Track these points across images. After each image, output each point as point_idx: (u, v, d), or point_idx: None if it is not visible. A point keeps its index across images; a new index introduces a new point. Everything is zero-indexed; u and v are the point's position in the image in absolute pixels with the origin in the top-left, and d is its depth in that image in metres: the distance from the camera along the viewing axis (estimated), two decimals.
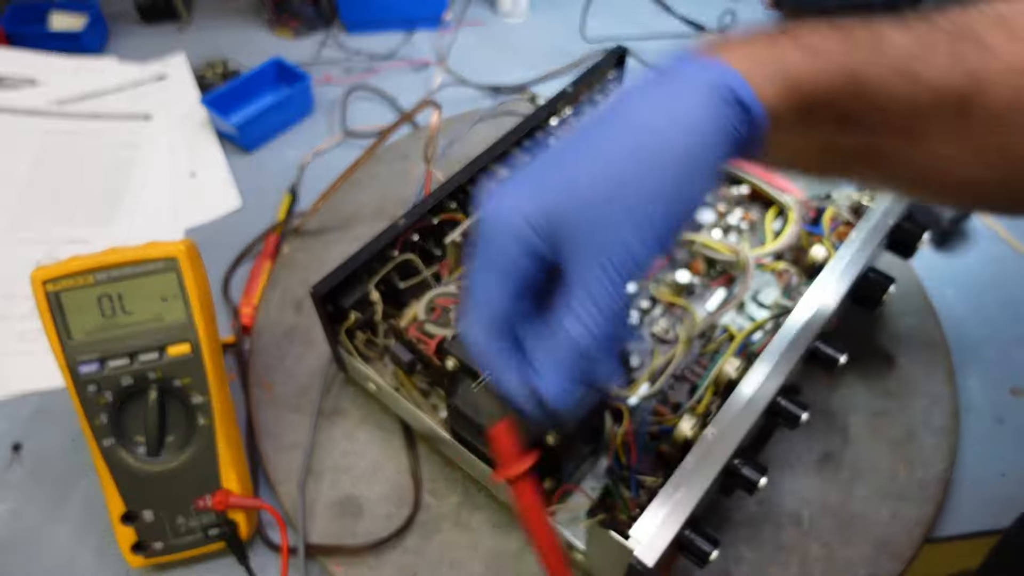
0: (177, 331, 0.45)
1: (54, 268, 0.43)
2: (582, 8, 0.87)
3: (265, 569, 0.48)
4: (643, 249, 0.29)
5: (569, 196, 0.29)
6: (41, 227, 0.68)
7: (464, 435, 0.47)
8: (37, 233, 0.67)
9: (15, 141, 0.74)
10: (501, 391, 0.31)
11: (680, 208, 0.29)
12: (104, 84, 0.80)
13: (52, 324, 0.43)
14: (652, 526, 0.37)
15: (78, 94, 0.79)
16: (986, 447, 0.54)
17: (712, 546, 0.38)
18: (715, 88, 0.29)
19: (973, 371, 0.58)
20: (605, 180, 0.29)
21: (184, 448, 0.46)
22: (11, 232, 0.67)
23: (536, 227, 0.29)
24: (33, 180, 0.71)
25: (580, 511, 0.46)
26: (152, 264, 0.44)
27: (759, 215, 0.60)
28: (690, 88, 0.30)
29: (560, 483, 0.46)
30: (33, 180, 0.71)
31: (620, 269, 0.28)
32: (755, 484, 0.41)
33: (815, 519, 0.49)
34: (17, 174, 0.71)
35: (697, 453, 0.40)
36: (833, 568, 0.47)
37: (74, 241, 0.67)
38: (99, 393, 0.44)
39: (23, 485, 0.53)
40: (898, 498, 0.49)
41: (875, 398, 0.54)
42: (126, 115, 0.77)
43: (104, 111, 0.78)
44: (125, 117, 0.77)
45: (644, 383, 0.50)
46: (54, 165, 0.72)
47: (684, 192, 0.29)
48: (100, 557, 0.49)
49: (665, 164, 0.29)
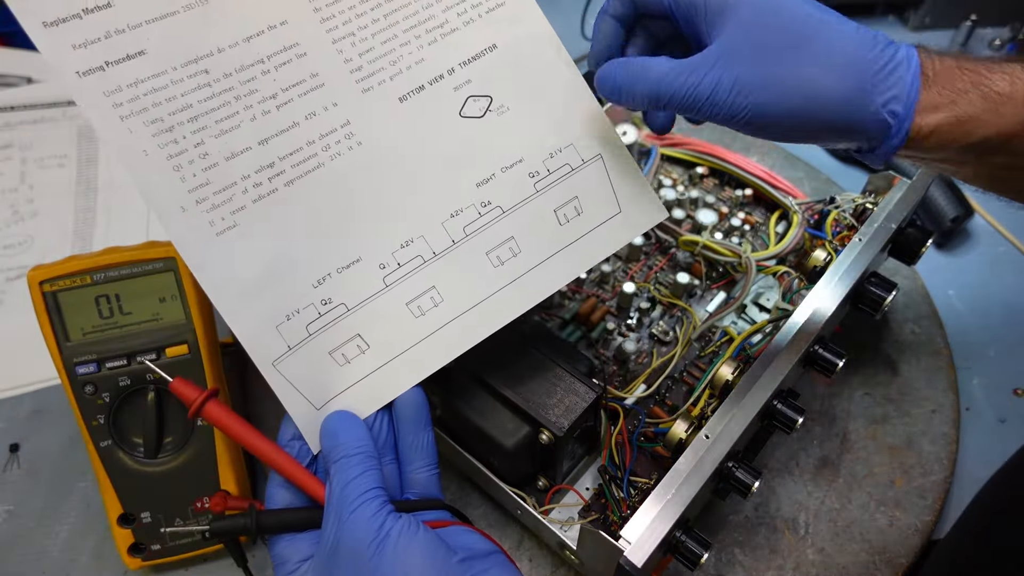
0: (175, 332, 0.45)
1: (51, 268, 0.43)
2: (582, 7, 0.87)
3: (264, 570, 0.48)
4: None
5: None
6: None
7: (459, 433, 0.47)
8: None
9: (12, 138, 0.75)
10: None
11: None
12: None
13: (49, 325, 0.43)
14: (642, 527, 0.37)
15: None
16: (988, 447, 0.53)
17: (703, 549, 0.38)
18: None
19: (975, 371, 0.57)
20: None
21: (182, 449, 0.46)
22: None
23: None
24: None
25: (573, 511, 0.46)
26: (150, 264, 0.44)
27: (762, 217, 0.60)
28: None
29: (554, 483, 0.47)
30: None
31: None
32: (748, 488, 0.41)
33: (811, 525, 0.48)
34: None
35: (690, 455, 0.40)
36: (829, 575, 0.46)
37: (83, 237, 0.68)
38: (97, 394, 0.44)
39: (20, 486, 0.53)
40: (895, 505, 0.49)
41: (876, 404, 0.54)
42: None
43: None
44: None
45: (641, 384, 0.50)
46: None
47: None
48: (98, 559, 0.49)
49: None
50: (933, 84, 0.33)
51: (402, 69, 0.40)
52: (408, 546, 0.33)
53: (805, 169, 0.71)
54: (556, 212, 0.42)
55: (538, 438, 0.42)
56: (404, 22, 0.40)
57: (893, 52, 0.33)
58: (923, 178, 0.53)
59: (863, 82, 0.32)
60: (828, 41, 0.33)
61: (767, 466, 0.51)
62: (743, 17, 0.34)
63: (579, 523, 0.43)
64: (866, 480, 0.50)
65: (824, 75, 0.32)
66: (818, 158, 0.75)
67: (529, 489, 0.47)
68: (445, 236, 0.41)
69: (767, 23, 0.33)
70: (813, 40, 0.33)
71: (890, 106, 0.32)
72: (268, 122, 0.38)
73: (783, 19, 0.33)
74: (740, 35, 0.34)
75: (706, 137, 0.71)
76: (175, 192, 0.36)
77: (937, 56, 0.33)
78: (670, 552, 0.39)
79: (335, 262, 0.39)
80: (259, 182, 0.38)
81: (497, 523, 0.49)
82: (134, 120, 0.35)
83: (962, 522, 0.43)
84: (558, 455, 0.43)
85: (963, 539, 0.42)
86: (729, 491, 0.43)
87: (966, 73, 0.33)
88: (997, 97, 0.32)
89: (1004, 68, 0.33)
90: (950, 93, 0.32)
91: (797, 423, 0.43)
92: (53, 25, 0.34)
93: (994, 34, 0.81)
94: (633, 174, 0.43)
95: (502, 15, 0.42)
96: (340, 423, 0.38)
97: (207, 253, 0.37)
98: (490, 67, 0.41)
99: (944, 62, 0.33)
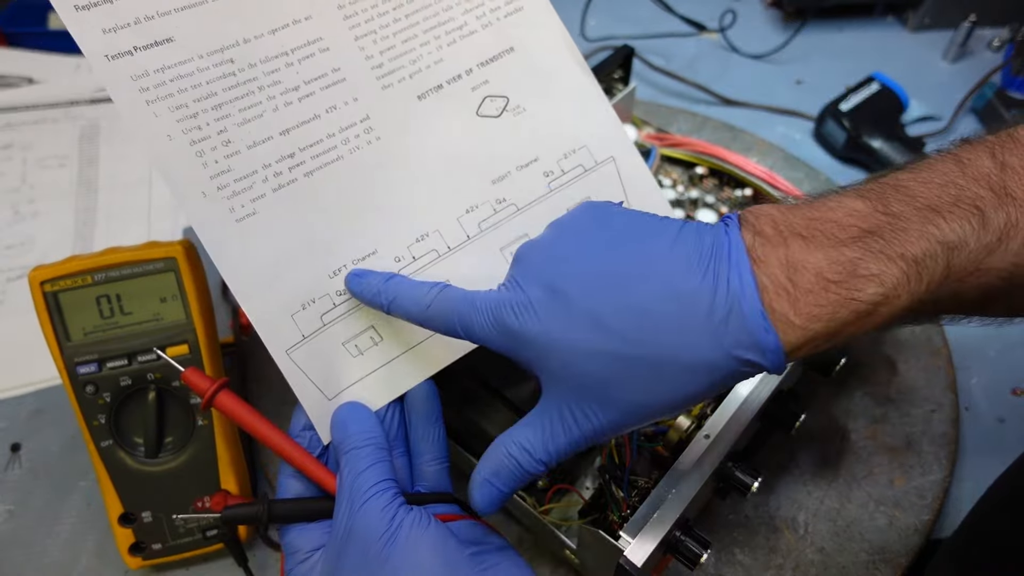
0: (176, 332, 0.45)
1: (52, 268, 0.43)
2: (582, 7, 0.87)
3: (264, 569, 0.48)
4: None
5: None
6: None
7: (459, 432, 0.47)
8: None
9: (13, 138, 0.75)
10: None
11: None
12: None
13: (50, 325, 0.44)
14: (642, 527, 0.37)
15: (78, 93, 0.79)
16: (987, 447, 0.53)
17: (703, 548, 0.38)
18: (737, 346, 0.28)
19: (974, 371, 0.57)
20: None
21: (183, 449, 0.46)
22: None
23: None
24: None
25: (573, 510, 0.46)
26: (151, 264, 0.45)
27: None
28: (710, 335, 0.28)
29: (554, 482, 0.47)
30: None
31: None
32: (748, 487, 0.41)
33: (811, 524, 0.48)
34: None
35: (690, 455, 0.40)
36: (828, 574, 0.46)
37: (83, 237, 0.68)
38: (97, 394, 0.44)
39: (21, 486, 0.53)
40: (895, 505, 0.49)
41: (875, 404, 0.54)
42: None
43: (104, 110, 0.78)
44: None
45: None
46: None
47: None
48: (99, 558, 0.49)
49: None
50: (778, 299, 0.27)
51: (421, 68, 0.41)
52: (419, 538, 0.33)
53: (805, 169, 0.71)
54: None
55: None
56: (424, 23, 0.41)
57: (713, 282, 0.28)
58: None
59: (706, 353, 0.28)
60: (661, 356, 0.29)
61: (767, 466, 0.51)
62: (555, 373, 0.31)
63: (579, 523, 0.43)
64: (866, 480, 0.50)
65: (675, 381, 0.29)
66: (818, 158, 0.76)
67: (529, 489, 0.47)
68: (460, 231, 0.41)
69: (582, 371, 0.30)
70: (641, 364, 0.29)
71: (744, 356, 0.28)
72: (290, 113, 0.38)
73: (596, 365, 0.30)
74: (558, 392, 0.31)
75: (706, 137, 0.71)
76: (197, 177, 0.37)
77: (768, 243, 0.28)
78: (670, 552, 0.39)
79: (351, 253, 0.40)
80: (279, 171, 0.38)
81: (497, 523, 0.49)
82: (159, 105, 0.36)
83: (968, 521, 0.43)
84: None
85: (969, 538, 0.42)
86: (729, 491, 0.43)
87: (813, 294, 0.27)
88: (868, 305, 0.27)
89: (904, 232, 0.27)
90: (804, 319, 0.27)
91: (796, 423, 0.43)
92: (85, 9, 0.35)
93: (993, 34, 0.81)
94: (644, 178, 0.44)
95: (520, 19, 0.43)
96: (351, 414, 0.38)
97: (227, 239, 0.37)
98: (507, 69, 0.42)
99: (775, 254, 0.28)
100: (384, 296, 0.37)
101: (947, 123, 0.77)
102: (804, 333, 0.27)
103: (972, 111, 0.79)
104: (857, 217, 0.28)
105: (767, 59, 0.87)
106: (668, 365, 0.29)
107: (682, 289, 0.29)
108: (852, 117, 0.73)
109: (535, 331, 0.31)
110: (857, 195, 0.29)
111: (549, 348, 0.31)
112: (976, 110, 0.79)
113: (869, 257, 0.27)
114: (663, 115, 0.76)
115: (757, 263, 0.28)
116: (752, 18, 0.92)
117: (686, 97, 0.82)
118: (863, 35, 0.90)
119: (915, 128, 0.78)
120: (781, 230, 0.29)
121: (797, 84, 0.84)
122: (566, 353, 0.30)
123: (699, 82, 0.82)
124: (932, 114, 0.79)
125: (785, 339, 0.27)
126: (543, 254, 0.33)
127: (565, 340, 0.30)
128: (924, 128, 0.78)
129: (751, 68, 0.87)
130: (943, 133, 0.76)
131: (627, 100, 0.63)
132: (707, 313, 0.28)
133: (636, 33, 0.87)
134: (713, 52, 0.89)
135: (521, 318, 0.31)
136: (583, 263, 0.31)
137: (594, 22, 0.88)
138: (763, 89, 0.83)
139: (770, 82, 0.84)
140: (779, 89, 0.84)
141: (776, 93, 0.83)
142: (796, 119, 0.80)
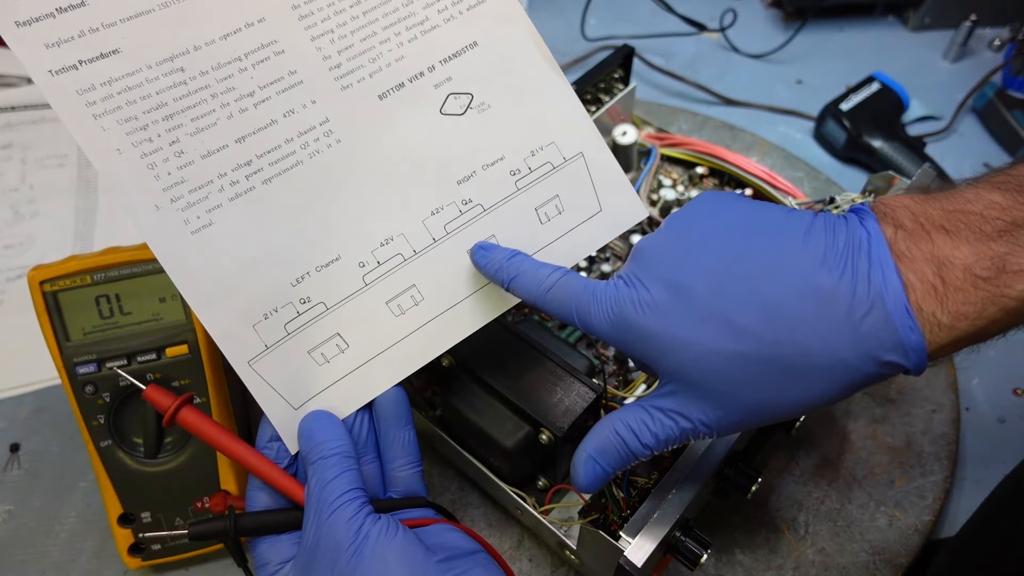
0: (175, 332, 0.45)
1: (51, 268, 0.43)
2: (582, 6, 0.87)
3: None
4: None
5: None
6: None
7: (459, 433, 0.47)
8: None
9: (12, 138, 0.75)
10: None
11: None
12: None
13: (49, 325, 0.44)
14: (642, 527, 0.37)
15: None
16: (988, 447, 0.53)
17: (703, 549, 0.38)
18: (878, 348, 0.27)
19: (975, 371, 0.57)
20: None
21: (182, 449, 0.46)
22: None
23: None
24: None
25: (573, 511, 0.46)
26: (151, 264, 0.44)
27: None
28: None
29: (554, 483, 0.47)
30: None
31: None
32: (748, 488, 0.41)
33: (811, 524, 0.48)
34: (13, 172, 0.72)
35: (690, 455, 0.40)
36: (829, 575, 0.46)
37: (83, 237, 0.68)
38: (97, 394, 0.44)
39: (21, 486, 0.53)
40: (895, 505, 0.49)
41: (875, 405, 0.54)
42: None
43: None
44: None
45: (641, 384, 0.50)
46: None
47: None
48: (98, 558, 0.49)
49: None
50: (926, 300, 0.27)
51: (382, 66, 0.40)
52: (385, 548, 0.33)
53: (805, 169, 0.71)
54: (537, 210, 0.42)
55: (538, 438, 0.42)
56: (384, 19, 0.40)
57: (852, 278, 0.27)
58: (923, 177, 0.53)
59: (847, 354, 0.27)
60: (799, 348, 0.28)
61: (767, 466, 0.51)
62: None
63: (579, 523, 0.43)
64: (866, 480, 0.50)
65: (809, 381, 0.28)
66: (818, 158, 0.76)
67: (529, 489, 0.47)
68: (426, 234, 0.41)
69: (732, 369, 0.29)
70: (785, 346, 0.28)
71: (885, 357, 0.27)
72: (245, 120, 0.37)
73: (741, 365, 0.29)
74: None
75: (706, 137, 0.71)
76: (149, 191, 0.36)
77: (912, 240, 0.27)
78: (670, 552, 0.39)
79: (314, 260, 0.39)
80: (236, 180, 0.37)
81: (497, 523, 0.49)
82: (107, 119, 0.35)
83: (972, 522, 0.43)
84: (558, 455, 0.43)
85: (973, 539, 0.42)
86: (729, 491, 0.43)
87: (961, 291, 0.26)
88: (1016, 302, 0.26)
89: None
90: (950, 316, 0.27)
91: (797, 423, 0.43)
92: (26, 24, 0.34)
93: (994, 34, 0.81)
94: (614, 173, 0.43)
95: (483, 12, 0.41)
96: (317, 423, 0.38)
97: (181, 251, 0.37)
98: (471, 64, 0.41)
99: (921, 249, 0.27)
100: (506, 273, 0.37)
101: (948, 123, 0.77)
102: (951, 333, 0.27)
103: (972, 111, 0.79)
104: (999, 210, 0.27)
105: (767, 59, 0.87)
106: (801, 366, 0.28)
107: (818, 286, 0.27)
108: (852, 117, 0.73)
109: (656, 328, 0.30)
110: (992, 187, 0.28)
111: (671, 346, 0.30)
112: (977, 110, 0.79)
113: (1019, 251, 0.26)
114: (663, 115, 0.76)
115: (901, 258, 0.27)
116: (752, 18, 0.92)
117: (686, 97, 0.82)
118: (863, 35, 0.90)
119: (915, 128, 0.78)
120: (922, 223, 0.28)
121: (797, 84, 0.84)
122: (691, 351, 0.29)
123: (699, 82, 0.82)
124: (933, 114, 0.79)
125: (931, 339, 0.27)
126: (664, 249, 0.32)
127: (690, 338, 0.29)
128: (924, 128, 0.78)
129: (751, 68, 0.86)
130: (943, 133, 0.76)
131: (627, 100, 0.63)
132: (846, 312, 0.27)
133: (636, 33, 0.87)
134: (713, 52, 0.89)
135: (642, 314, 0.30)
136: (707, 258, 0.30)
137: (594, 22, 0.88)
138: (763, 89, 0.83)
139: (770, 82, 0.84)
140: (779, 89, 0.84)
141: (776, 93, 0.83)
142: (796, 119, 0.80)
